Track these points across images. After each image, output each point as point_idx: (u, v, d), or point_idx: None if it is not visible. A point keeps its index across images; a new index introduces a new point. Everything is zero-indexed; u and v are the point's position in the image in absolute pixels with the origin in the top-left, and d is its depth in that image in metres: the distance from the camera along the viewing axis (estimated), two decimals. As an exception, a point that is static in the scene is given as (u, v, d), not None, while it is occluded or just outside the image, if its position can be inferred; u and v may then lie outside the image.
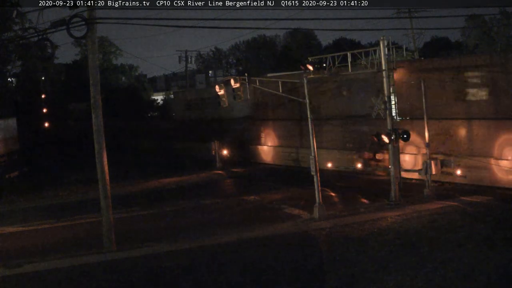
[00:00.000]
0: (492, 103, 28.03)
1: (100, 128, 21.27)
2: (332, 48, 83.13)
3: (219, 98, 30.01)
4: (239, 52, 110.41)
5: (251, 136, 45.29)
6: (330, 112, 37.45)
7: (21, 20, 41.40)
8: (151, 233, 23.83)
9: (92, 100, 21.29)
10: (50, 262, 20.11)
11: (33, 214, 29.74)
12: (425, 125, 27.15)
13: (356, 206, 26.42)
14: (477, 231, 20.39)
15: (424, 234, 20.50)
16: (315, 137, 25.00)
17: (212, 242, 21.58)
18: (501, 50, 53.34)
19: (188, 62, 66.35)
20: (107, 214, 21.38)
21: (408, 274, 16.22)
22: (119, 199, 29.38)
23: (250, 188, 33.38)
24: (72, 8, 20.00)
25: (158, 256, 20.11)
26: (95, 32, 20.98)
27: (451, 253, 17.95)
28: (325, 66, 27.17)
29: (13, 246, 23.22)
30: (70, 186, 38.11)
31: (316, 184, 24.40)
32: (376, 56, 27.01)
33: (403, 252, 18.46)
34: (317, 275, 17.04)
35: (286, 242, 21.12)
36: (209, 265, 18.69)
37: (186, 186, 36.38)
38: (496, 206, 24.28)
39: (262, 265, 18.37)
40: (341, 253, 19.03)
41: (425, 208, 24.55)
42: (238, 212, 27.54)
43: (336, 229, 22.29)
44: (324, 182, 27.26)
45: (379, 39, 26.71)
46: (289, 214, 25.87)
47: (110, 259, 20.23)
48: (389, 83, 26.62)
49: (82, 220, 27.36)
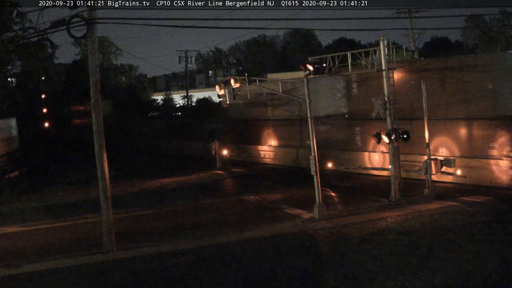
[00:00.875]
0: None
1: (100, 128, 21.27)
2: (332, 48, 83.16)
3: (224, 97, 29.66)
4: (239, 52, 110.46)
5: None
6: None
7: (21, 20, 41.40)
8: (151, 233, 23.82)
9: (92, 100, 21.28)
10: (50, 262, 20.10)
11: (33, 214, 29.74)
12: (425, 125, 27.14)
13: (356, 206, 26.40)
14: (477, 231, 20.39)
15: (424, 234, 20.49)
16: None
17: (212, 242, 21.58)
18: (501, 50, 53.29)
19: (188, 62, 66.35)
20: (107, 214, 21.37)
21: (408, 274, 16.21)
22: (119, 199, 29.40)
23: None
24: (72, 8, 19.99)
25: (158, 256, 20.10)
26: (95, 32, 20.98)
27: (451, 253, 17.94)
28: (325, 66, 27.19)
29: (13, 246, 23.23)
30: (70, 186, 38.13)
31: (316, 184, 24.41)
32: (376, 56, 27.00)
33: (403, 252, 18.45)
34: (317, 275, 17.03)
35: (286, 242, 21.12)
36: (209, 265, 18.69)
37: (186, 186, 36.43)
38: (496, 206, 24.29)
39: (262, 265, 18.37)
40: (341, 253, 19.03)
41: (425, 208, 24.55)
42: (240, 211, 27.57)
43: (336, 229, 22.28)
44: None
45: (379, 39, 26.72)
46: (289, 214, 25.88)
47: (110, 259, 20.22)
48: (389, 83, 26.60)
49: (82, 220, 27.36)
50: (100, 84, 21.55)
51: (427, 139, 27.12)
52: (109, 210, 21.41)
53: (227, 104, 30.79)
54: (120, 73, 78.94)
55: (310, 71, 27.55)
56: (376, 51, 27.12)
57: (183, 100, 66.93)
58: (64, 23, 20.12)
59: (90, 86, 21.19)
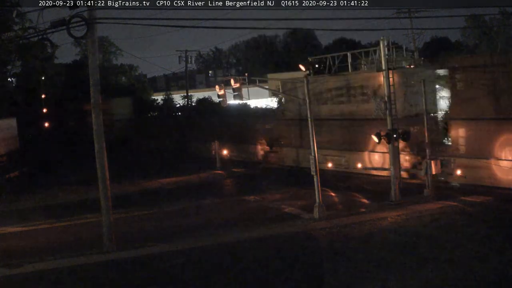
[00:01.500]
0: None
1: (100, 128, 21.26)
2: (332, 48, 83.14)
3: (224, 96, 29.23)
4: (239, 52, 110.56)
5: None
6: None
7: (21, 20, 41.41)
8: (151, 233, 23.82)
9: (92, 100, 21.28)
10: (50, 262, 20.08)
11: (33, 214, 29.73)
12: (424, 125, 27.14)
13: (356, 206, 26.41)
14: (477, 231, 20.40)
15: (424, 234, 20.50)
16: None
17: (212, 242, 21.57)
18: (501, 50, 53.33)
19: (188, 62, 66.21)
20: (107, 214, 21.37)
21: (408, 274, 16.21)
22: (119, 199, 29.39)
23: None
24: (72, 8, 19.97)
25: (158, 256, 20.10)
26: (95, 32, 20.98)
27: (451, 253, 17.95)
28: (325, 66, 27.27)
29: (13, 246, 23.22)
30: (70, 186, 38.11)
31: (316, 184, 24.40)
32: (376, 56, 27.03)
33: (403, 252, 18.45)
34: (317, 275, 17.03)
35: (286, 242, 21.11)
36: (209, 265, 18.69)
37: (185, 186, 36.44)
38: (496, 206, 24.29)
39: (262, 265, 18.36)
40: (341, 253, 19.03)
41: (425, 208, 24.55)
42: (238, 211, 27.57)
43: (336, 229, 22.28)
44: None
45: (379, 39, 26.75)
46: (289, 214, 25.88)
47: (110, 259, 20.21)
48: (389, 83, 26.62)
49: (82, 220, 27.35)
50: (100, 84, 21.54)
51: (427, 139, 27.12)
52: (109, 210, 21.40)
53: (226, 104, 30.75)
54: (120, 73, 78.90)
55: (310, 71, 27.58)
56: (376, 51, 27.15)
57: (183, 100, 66.81)
58: (64, 23, 20.09)
59: (90, 86, 21.19)
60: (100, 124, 21.27)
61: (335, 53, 34.48)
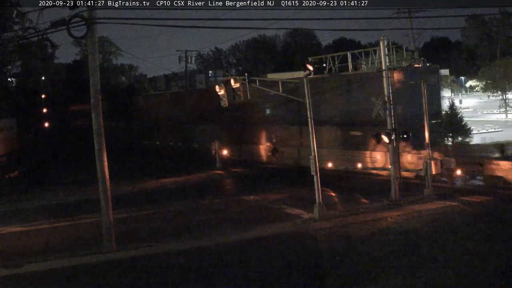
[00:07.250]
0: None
1: (100, 128, 21.26)
2: (332, 48, 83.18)
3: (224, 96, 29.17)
4: (239, 52, 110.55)
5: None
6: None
7: (21, 20, 41.42)
8: (151, 233, 23.80)
9: (92, 100, 21.27)
10: (50, 262, 20.08)
11: (33, 214, 29.70)
12: (425, 125, 27.14)
13: (356, 206, 26.40)
14: (477, 231, 20.40)
15: (424, 234, 20.50)
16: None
17: (212, 242, 21.56)
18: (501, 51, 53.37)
19: (188, 62, 66.30)
20: (107, 214, 21.36)
21: (408, 274, 16.21)
22: (119, 199, 29.37)
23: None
24: (72, 8, 19.97)
25: (158, 256, 20.10)
26: (95, 32, 20.97)
27: (451, 253, 17.95)
28: (325, 66, 27.24)
29: (13, 246, 23.20)
30: (70, 186, 38.10)
31: (316, 184, 24.39)
32: (376, 56, 27.04)
33: (403, 252, 18.45)
34: (317, 275, 17.02)
35: (286, 242, 21.10)
36: (209, 265, 18.68)
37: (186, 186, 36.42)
38: (496, 206, 24.29)
39: (262, 265, 18.36)
40: (341, 253, 19.02)
41: (425, 208, 24.55)
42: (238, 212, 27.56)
43: (336, 229, 22.28)
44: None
45: (379, 39, 26.74)
46: (289, 214, 25.87)
47: (110, 259, 20.21)
48: (389, 83, 26.61)
49: (82, 220, 27.33)
50: (100, 84, 21.53)
51: (427, 139, 27.12)
52: (109, 210, 21.39)
53: (226, 104, 30.67)
54: (120, 73, 78.93)
55: (310, 71, 27.52)
56: (376, 51, 27.15)
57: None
58: (64, 23, 20.10)
59: (90, 86, 21.18)
60: (100, 124, 21.26)
61: (335, 53, 34.53)
